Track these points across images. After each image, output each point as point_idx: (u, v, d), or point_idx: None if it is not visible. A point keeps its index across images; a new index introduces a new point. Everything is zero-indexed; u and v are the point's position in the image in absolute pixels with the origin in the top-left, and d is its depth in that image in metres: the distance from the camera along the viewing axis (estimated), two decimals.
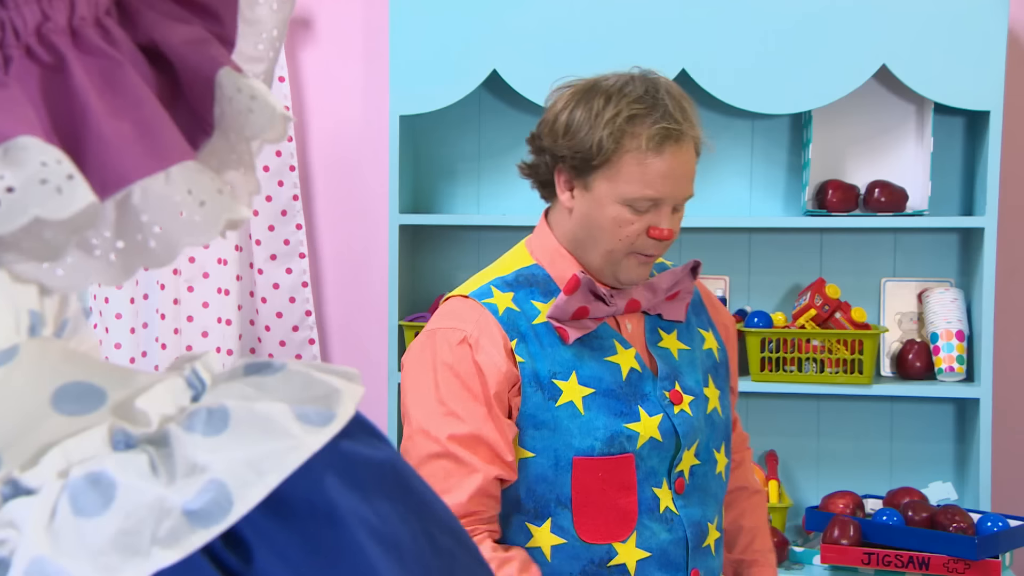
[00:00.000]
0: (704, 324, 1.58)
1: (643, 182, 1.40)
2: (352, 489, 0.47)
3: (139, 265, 0.50)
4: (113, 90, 0.47)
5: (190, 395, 0.50)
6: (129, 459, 0.45)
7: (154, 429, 0.47)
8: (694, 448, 1.47)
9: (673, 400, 1.47)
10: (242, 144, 0.53)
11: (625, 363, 1.46)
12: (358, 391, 0.50)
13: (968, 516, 2.18)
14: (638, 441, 1.43)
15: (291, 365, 0.51)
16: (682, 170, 1.42)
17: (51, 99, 0.46)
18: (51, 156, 0.44)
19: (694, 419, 1.47)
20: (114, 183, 0.46)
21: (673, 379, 1.48)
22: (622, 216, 1.42)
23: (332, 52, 2.74)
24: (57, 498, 0.43)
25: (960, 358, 2.40)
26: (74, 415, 0.47)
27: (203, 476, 0.44)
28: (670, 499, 1.45)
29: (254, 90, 0.51)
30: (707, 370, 1.53)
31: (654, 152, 1.39)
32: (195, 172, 0.48)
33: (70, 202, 0.43)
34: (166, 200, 0.47)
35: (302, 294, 2.69)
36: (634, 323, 1.52)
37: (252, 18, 0.55)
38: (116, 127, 0.46)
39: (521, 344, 1.43)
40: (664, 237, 1.42)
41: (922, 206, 2.44)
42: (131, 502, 0.43)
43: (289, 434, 0.46)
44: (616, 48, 2.33)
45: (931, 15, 2.27)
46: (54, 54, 0.47)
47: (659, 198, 1.41)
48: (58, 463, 0.45)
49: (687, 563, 1.44)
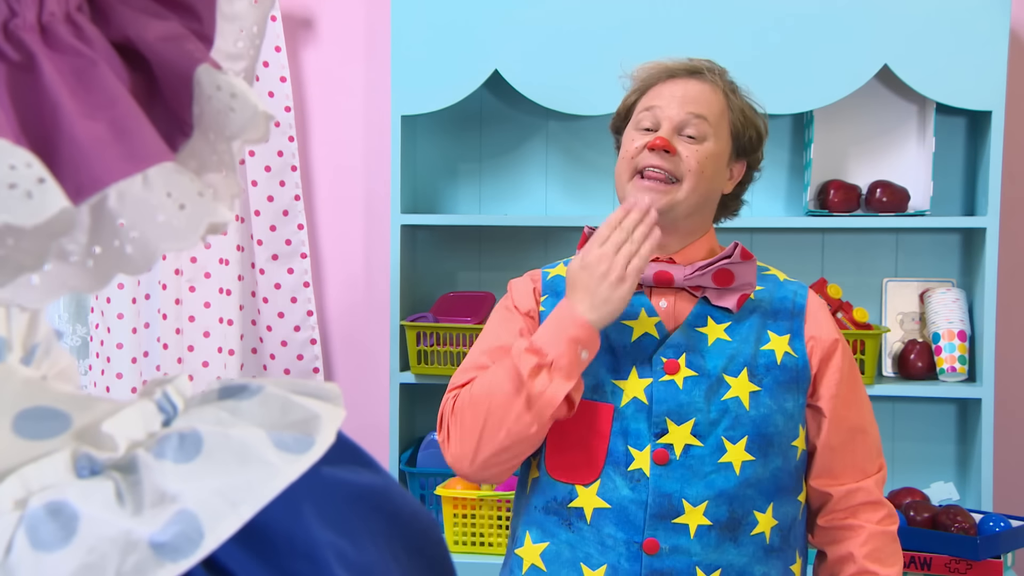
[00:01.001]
0: (781, 329, 1.51)
1: (647, 100, 1.52)
2: (331, 522, 0.45)
3: (116, 272, 0.47)
4: (86, 89, 0.45)
5: (161, 419, 0.47)
6: (93, 487, 0.42)
7: (121, 454, 0.44)
8: (687, 426, 1.44)
9: (667, 369, 1.46)
10: (222, 144, 0.50)
11: (641, 328, 1.48)
12: (339, 414, 0.48)
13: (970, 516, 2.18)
14: (622, 398, 1.45)
15: (268, 388, 0.49)
16: (688, 93, 1.50)
17: (20, 99, 0.43)
18: (20, 159, 0.41)
19: (682, 393, 1.44)
20: (89, 186, 0.43)
21: (681, 351, 1.47)
22: (630, 138, 1.52)
23: (334, 52, 2.75)
24: (14, 530, 0.40)
25: (962, 358, 2.40)
26: (36, 439, 0.44)
27: (172, 506, 0.42)
28: (647, 463, 1.43)
29: (234, 88, 0.48)
30: (747, 364, 1.47)
31: (662, 80, 1.53)
32: (174, 174, 0.46)
33: (41, 208, 0.40)
34: (144, 203, 0.45)
35: (304, 294, 2.69)
36: (672, 302, 1.51)
37: (231, 14, 0.53)
38: (89, 127, 0.44)
39: (550, 298, 1.54)
40: (654, 145, 1.46)
41: (924, 206, 2.44)
42: (94, 535, 0.41)
43: (265, 462, 0.44)
44: (618, 48, 2.33)
45: (933, 15, 2.27)
46: (22, 52, 0.44)
47: (653, 107, 1.50)
48: (16, 491, 0.42)
49: (644, 528, 1.42)
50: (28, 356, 0.50)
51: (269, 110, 0.50)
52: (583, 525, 1.45)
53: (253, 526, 0.43)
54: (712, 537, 1.43)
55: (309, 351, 2.71)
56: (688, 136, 1.48)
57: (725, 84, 1.54)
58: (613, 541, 1.43)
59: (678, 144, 1.47)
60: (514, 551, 1.53)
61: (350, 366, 2.80)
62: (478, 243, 2.69)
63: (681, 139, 1.48)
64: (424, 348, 2.46)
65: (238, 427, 0.45)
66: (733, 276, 1.49)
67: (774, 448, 1.47)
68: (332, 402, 0.49)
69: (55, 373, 0.54)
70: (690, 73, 1.52)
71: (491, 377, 1.41)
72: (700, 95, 1.50)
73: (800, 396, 1.49)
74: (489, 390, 1.40)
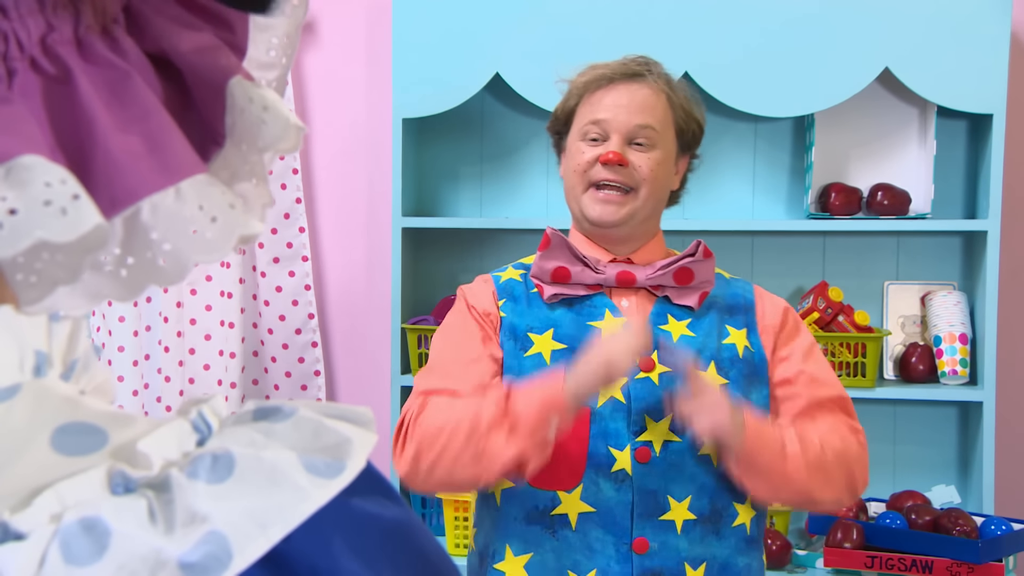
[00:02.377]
0: (739, 323, 1.54)
1: (590, 112, 1.52)
2: (358, 555, 0.45)
3: (148, 283, 0.48)
4: (121, 102, 0.45)
5: (195, 439, 0.48)
6: (127, 504, 0.42)
7: (155, 473, 0.45)
8: (665, 422, 1.44)
9: (642, 367, 1.46)
10: (254, 155, 0.51)
11: (608, 328, 1.48)
12: (370, 439, 0.48)
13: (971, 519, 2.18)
14: (599, 399, 1.44)
15: (302, 410, 0.49)
16: (634, 102, 1.50)
17: (56, 113, 0.44)
18: (55, 176, 0.41)
19: (658, 389, 1.45)
20: (123, 199, 0.44)
21: (653, 348, 1.47)
22: (578, 148, 1.52)
23: (335, 55, 2.75)
24: (48, 544, 0.41)
25: (963, 361, 2.40)
26: (73, 455, 0.44)
27: (203, 526, 0.42)
28: (628, 462, 1.43)
29: (266, 100, 0.49)
30: (714, 358, 1.49)
31: (603, 87, 1.52)
32: (206, 186, 0.46)
33: (76, 224, 0.41)
34: (176, 216, 0.45)
35: (305, 297, 2.69)
36: (634, 301, 1.53)
37: (264, 24, 0.53)
38: (124, 141, 0.44)
39: (508, 303, 1.53)
40: (607, 160, 1.47)
41: (925, 209, 2.44)
42: (125, 551, 0.41)
43: (296, 485, 0.44)
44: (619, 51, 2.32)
45: (934, 18, 2.27)
46: (59, 66, 0.45)
47: (600, 120, 1.50)
48: (52, 506, 0.42)
49: (631, 528, 1.42)
50: (68, 372, 0.50)
51: (300, 122, 0.50)
52: (568, 532, 1.43)
53: (280, 554, 0.43)
54: (697, 531, 1.44)
55: (310, 354, 2.71)
56: (637, 143, 1.50)
57: (664, 83, 1.54)
58: (601, 544, 1.42)
59: (629, 154, 1.49)
60: (493, 567, 1.48)
61: (351, 369, 2.80)
62: (479, 246, 2.69)
63: (631, 148, 1.50)
64: (425, 351, 2.46)
65: (270, 449, 0.45)
66: (693, 274, 1.51)
67: None
68: (364, 426, 0.49)
69: (92, 388, 0.54)
70: (630, 77, 1.52)
71: (455, 414, 1.38)
72: (645, 102, 1.50)
73: (763, 387, 1.51)
74: (450, 429, 1.36)
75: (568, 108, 1.56)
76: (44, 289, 0.45)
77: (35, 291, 0.45)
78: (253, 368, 2.74)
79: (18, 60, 0.44)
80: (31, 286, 0.45)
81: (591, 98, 1.53)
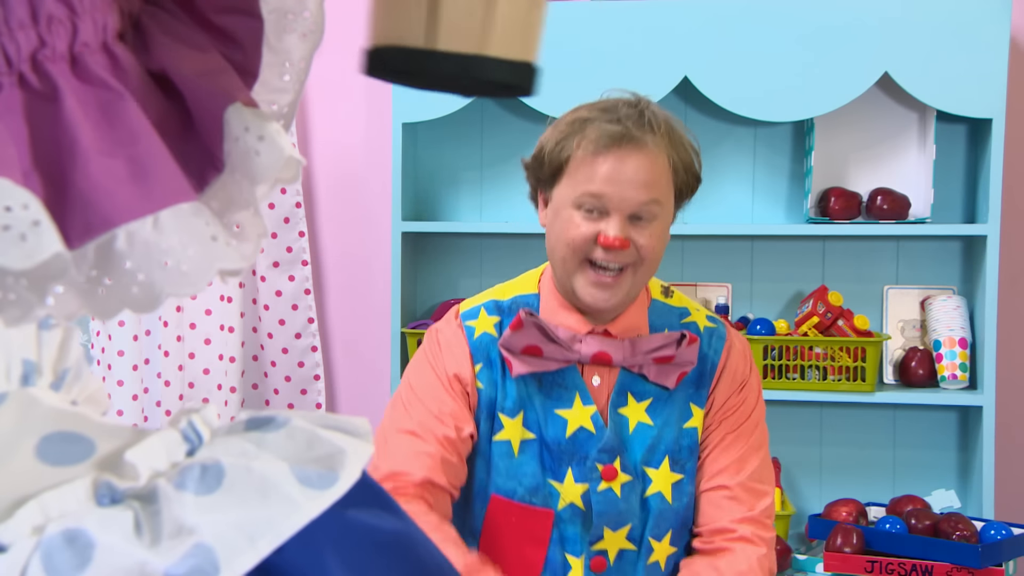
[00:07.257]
0: (702, 400, 1.47)
1: (587, 180, 1.37)
2: (350, 568, 0.44)
3: (123, 307, 0.46)
4: (109, 123, 0.43)
5: (185, 449, 0.46)
6: (112, 516, 0.42)
7: (142, 484, 0.44)
8: (624, 531, 1.41)
9: (604, 475, 1.41)
10: (247, 185, 0.49)
11: (576, 420, 1.42)
12: (366, 450, 0.47)
13: (971, 524, 2.18)
14: (559, 502, 1.41)
15: (295, 420, 0.47)
16: (635, 175, 1.36)
17: (38, 131, 0.42)
18: (18, 200, 0.40)
19: (620, 501, 1.41)
20: (97, 226, 0.42)
21: (615, 453, 1.42)
22: (572, 219, 1.39)
23: (335, 59, 2.75)
24: (29, 557, 0.40)
25: (963, 366, 2.40)
26: (58, 465, 0.43)
27: (190, 539, 0.41)
28: (581, 572, 1.41)
29: (264, 130, 0.47)
30: (669, 451, 1.44)
31: (602, 152, 1.37)
32: (190, 216, 0.44)
33: (34, 251, 0.39)
34: (152, 247, 0.43)
35: (305, 301, 2.69)
36: (604, 378, 1.46)
37: (279, 47, 0.51)
38: (106, 164, 0.42)
39: (484, 370, 1.45)
40: (611, 245, 1.36)
41: (924, 213, 2.44)
42: (109, 565, 0.40)
43: (286, 497, 0.43)
44: (619, 56, 2.34)
45: (933, 23, 2.27)
46: (47, 83, 0.43)
47: (601, 194, 1.36)
48: (34, 517, 0.41)
49: None
50: (58, 381, 0.50)
51: (298, 155, 0.48)
52: None
53: (270, 566, 0.42)
54: None
55: (310, 358, 2.71)
56: (637, 217, 1.39)
57: (666, 139, 1.40)
58: None
59: (629, 231, 1.38)
60: None
61: (351, 373, 2.80)
62: (479, 250, 2.69)
63: (631, 225, 1.38)
64: None
65: (261, 460, 0.44)
66: (674, 356, 1.44)
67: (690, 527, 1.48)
68: (360, 437, 0.48)
69: (84, 398, 0.53)
70: (631, 142, 1.36)
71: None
72: (649, 175, 1.37)
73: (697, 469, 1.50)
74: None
75: (557, 161, 1.41)
76: (24, 308, 0.44)
77: (16, 309, 0.44)
78: (253, 372, 2.74)
79: (5, 75, 0.43)
80: (11, 304, 0.43)
81: (586, 159, 1.38)
